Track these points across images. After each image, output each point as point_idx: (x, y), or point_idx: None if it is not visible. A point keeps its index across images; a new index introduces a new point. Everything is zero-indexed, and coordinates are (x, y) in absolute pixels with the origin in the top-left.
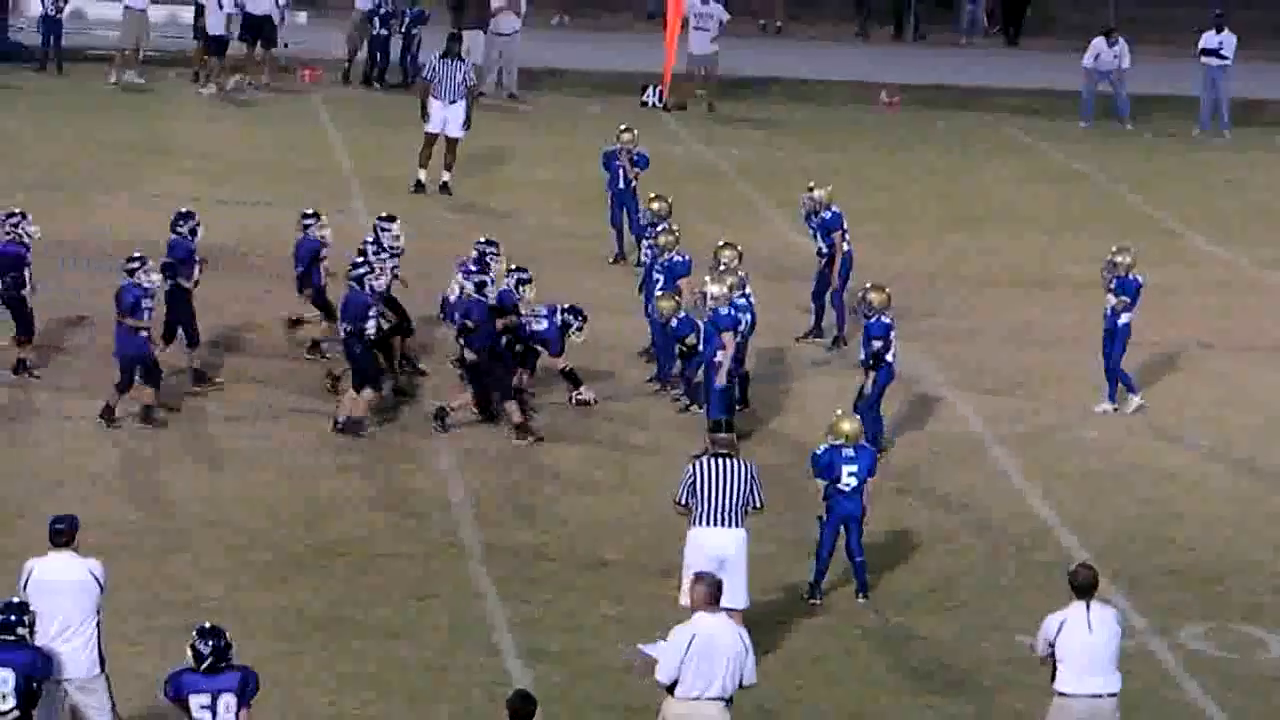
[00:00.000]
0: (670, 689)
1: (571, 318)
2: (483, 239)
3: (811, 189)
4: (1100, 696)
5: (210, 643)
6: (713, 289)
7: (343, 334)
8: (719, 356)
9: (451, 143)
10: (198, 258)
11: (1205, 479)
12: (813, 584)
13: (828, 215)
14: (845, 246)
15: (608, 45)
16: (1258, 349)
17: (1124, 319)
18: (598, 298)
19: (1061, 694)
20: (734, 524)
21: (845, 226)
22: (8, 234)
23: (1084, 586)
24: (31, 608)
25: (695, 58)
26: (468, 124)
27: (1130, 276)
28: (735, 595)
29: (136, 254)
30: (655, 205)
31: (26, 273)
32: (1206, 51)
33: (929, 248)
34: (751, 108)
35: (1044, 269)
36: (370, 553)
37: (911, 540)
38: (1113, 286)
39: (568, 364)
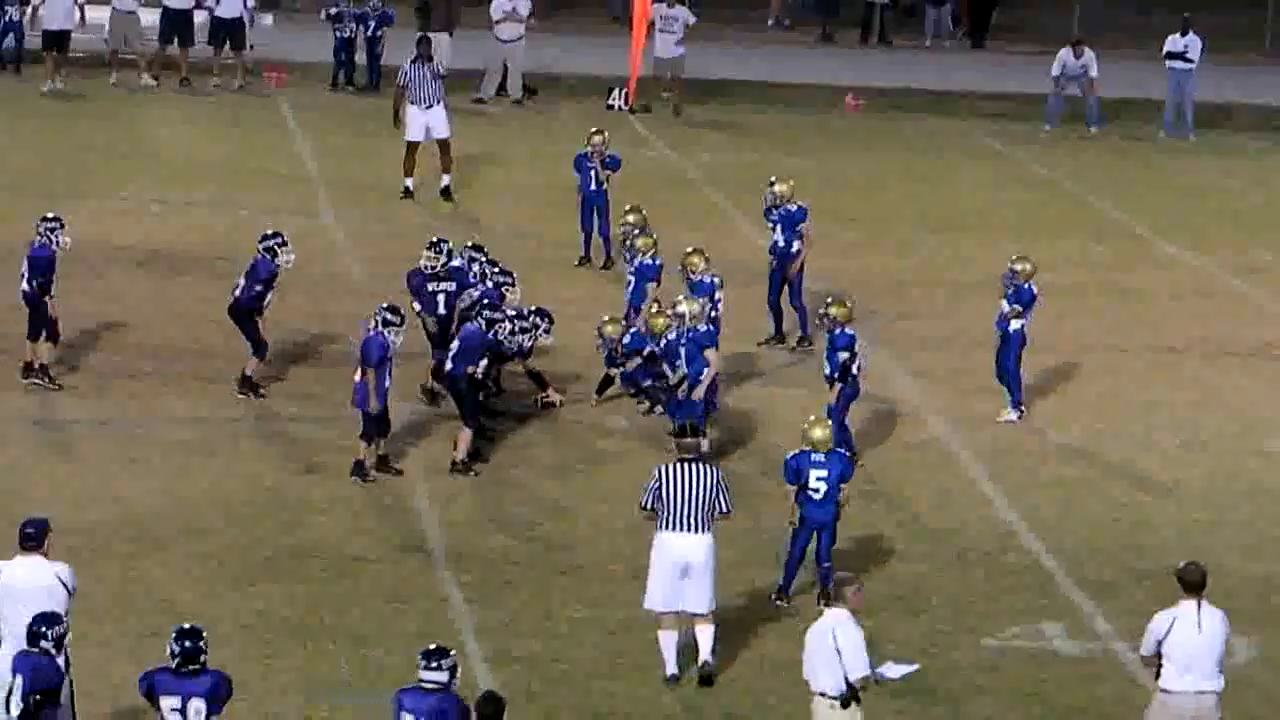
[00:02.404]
0: None
1: (539, 319)
2: (499, 269)
3: (773, 183)
4: (1204, 694)
5: (181, 643)
6: (686, 308)
7: (452, 368)
8: (704, 375)
9: (444, 145)
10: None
11: (1177, 484)
12: (781, 587)
13: (794, 209)
14: (797, 244)
15: (575, 48)
16: (1228, 354)
17: (1014, 326)
18: (566, 302)
19: (1166, 690)
20: (700, 529)
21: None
22: (41, 237)
23: (1194, 584)
24: None
25: (661, 60)
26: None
27: (1026, 285)
28: (701, 600)
29: (390, 305)
30: (631, 218)
31: (53, 280)
32: (1171, 55)
33: (900, 252)
34: (718, 111)
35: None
36: (340, 557)
37: (881, 545)
38: (1008, 294)
39: (534, 365)
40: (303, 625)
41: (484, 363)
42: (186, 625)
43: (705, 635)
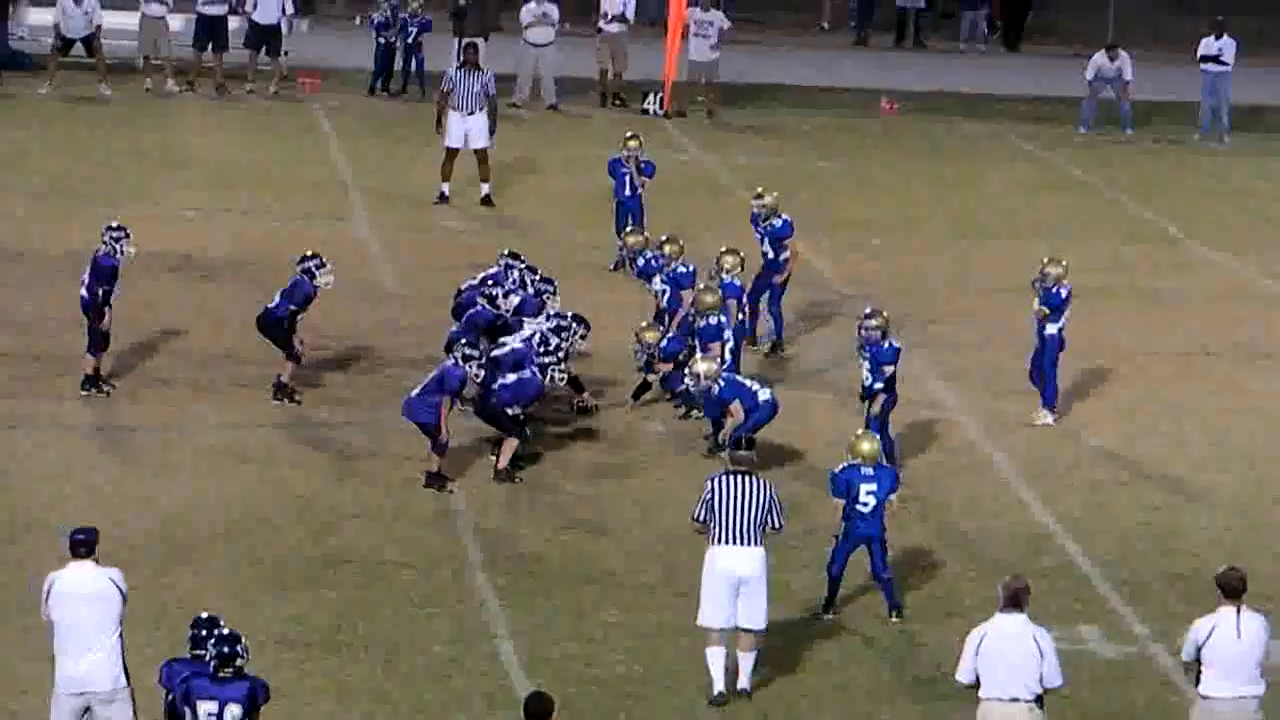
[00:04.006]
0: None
1: (575, 324)
2: (539, 276)
3: (760, 195)
4: (1244, 699)
5: (220, 647)
6: (701, 367)
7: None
8: (728, 424)
9: (481, 154)
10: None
11: (1210, 487)
12: (826, 600)
13: (778, 223)
14: (784, 255)
15: None
16: (1262, 357)
17: (1050, 329)
18: (602, 307)
19: (1206, 696)
20: (752, 543)
21: (793, 235)
22: (105, 246)
23: (1234, 589)
24: (54, 620)
25: (696, 65)
26: (492, 132)
27: (1056, 289)
28: (755, 615)
29: (470, 340)
30: (631, 239)
31: (115, 289)
32: (1206, 57)
33: (932, 254)
34: (753, 115)
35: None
36: (372, 563)
37: (915, 548)
38: (1040, 296)
39: (571, 369)
40: (335, 631)
41: (522, 409)
42: (227, 630)
43: (746, 662)
